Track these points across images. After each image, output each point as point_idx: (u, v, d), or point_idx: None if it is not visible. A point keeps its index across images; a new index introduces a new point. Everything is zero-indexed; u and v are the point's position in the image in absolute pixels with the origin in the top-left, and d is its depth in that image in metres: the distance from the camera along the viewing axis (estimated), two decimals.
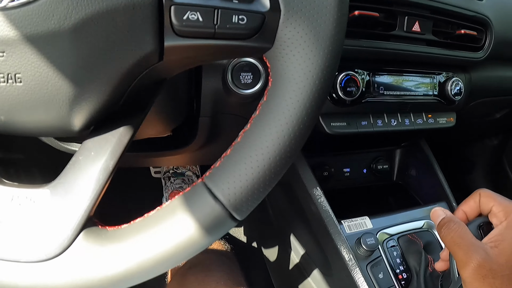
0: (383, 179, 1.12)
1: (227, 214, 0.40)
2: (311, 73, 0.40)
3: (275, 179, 0.41)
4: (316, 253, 0.96)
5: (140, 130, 0.76)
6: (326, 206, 0.88)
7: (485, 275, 0.50)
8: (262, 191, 0.41)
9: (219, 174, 0.40)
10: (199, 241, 0.40)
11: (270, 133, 0.40)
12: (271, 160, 0.40)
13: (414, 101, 0.92)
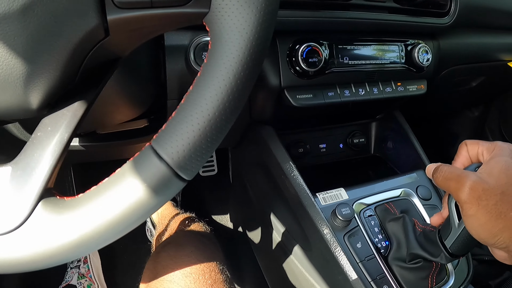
0: (360, 153, 1.12)
1: (172, 173, 0.40)
2: (245, 30, 0.41)
3: (217, 136, 0.42)
4: (296, 229, 0.96)
5: (109, 115, 0.77)
6: (299, 181, 0.88)
7: (479, 196, 0.53)
8: (206, 149, 0.42)
9: (163, 135, 0.41)
10: (148, 202, 0.41)
11: (209, 91, 0.41)
12: (211, 116, 0.40)
13: (381, 70, 0.92)
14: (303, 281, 0.98)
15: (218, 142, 0.43)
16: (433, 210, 0.95)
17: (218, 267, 0.83)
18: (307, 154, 1.03)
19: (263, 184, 1.08)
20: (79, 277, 1.39)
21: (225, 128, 0.42)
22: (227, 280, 0.82)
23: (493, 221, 0.52)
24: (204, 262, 0.82)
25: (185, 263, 0.80)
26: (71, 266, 1.45)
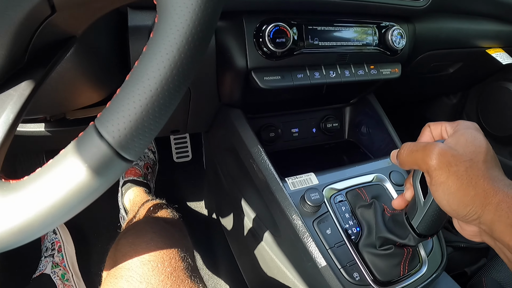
0: (333, 138, 1.10)
1: (113, 153, 0.39)
2: (191, 1, 0.39)
3: (162, 113, 0.40)
4: (265, 216, 0.94)
5: (73, 98, 0.75)
6: (268, 165, 0.86)
7: (448, 162, 0.52)
8: (149, 127, 0.40)
9: (106, 113, 0.39)
10: (89, 183, 0.39)
11: (151, 66, 0.39)
12: (153, 92, 0.39)
13: (353, 52, 0.90)
14: (273, 268, 0.96)
15: (163, 120, 0.41)
16: None
17: (179, 255, 0.81)
18: (278, 138, 1.01)
19: (233, 169, 1.06)
20: (53, 266, 1.37)
21: (169, 105, 0.40)
22: (189, 268, 0.80)
23: (464, 188, 0.51)
24: (164, 249, 0.79)
25: (144, 250, 0.78)
26: (45, 255, 1.42)
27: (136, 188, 1.48)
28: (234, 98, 0.93)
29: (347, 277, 0.79)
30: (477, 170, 0.51)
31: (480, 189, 0.50)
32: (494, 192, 0.50)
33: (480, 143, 0.54)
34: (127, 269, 0.75)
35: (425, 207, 0.62)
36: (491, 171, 0.52)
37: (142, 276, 0.73)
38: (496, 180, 0.51)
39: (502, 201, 0.49)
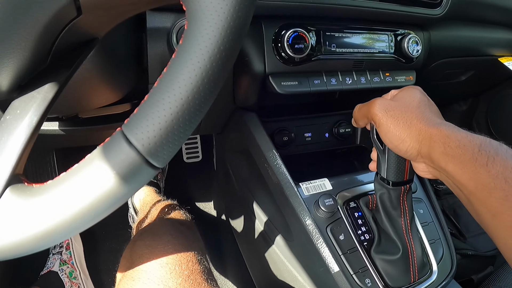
0: (346, 143, 1.10)
1: (142, 160, 0.38)
2: (223, 10, 0.38)
3: (191, 121, 0.40)
4: (278, 219, 0.94)
5: (89, 98, 0.75)
6: (282, 169, 0.86)
7: (386, 108, 0.65)
8: (178, 135, 0.39)
9: (134, 120, 0.39)
10: (116, 190, 0.39)
11: (182, 73, 0.38)
12: (184, 101, 0.38)
13: (369, 59, 0.91)
14: (284, 272, 0.97)
15: (192, 128, 0.41)
16: (418, 204, 0.95)
17: (196, 257, 0.81)
18: (291, 142, 1.01)
19: (246, 171, 1.07)
20: (61, 264, 1.37)
21: (199, 113, 0.40)
22: (205, 271, 0.80)
23: (401, 127, 0.62)
24: (181, 252, 0.80)
25: (161, 252, 0.78)
26: (53, 252, 1.42)
27: (146, 188, 1.48)
28: (249, 101, 0.93)
29: (359, 283, 0.79)
30: (411, 113, 0.63)
31: (414, 128, 0.61)
32: (426, 129, 0.59)
33: (415, 94, 0.68)
34: (144, 271, 0.75)
35: (385, 155, 0.72)
36: (425, 114, 0.63)
37: (159, 279, 0.73)
38: (428, 120, 0.61)
39: (434, 135, 0.58)
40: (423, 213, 0.94)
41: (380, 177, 0.75)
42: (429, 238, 0.90)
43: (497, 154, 0.53)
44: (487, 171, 0.52)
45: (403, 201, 0.76)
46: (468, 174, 0.54)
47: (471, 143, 0.55)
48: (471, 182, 0.54)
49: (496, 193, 0.51)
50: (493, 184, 0.51)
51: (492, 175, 0.51)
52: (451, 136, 0.57)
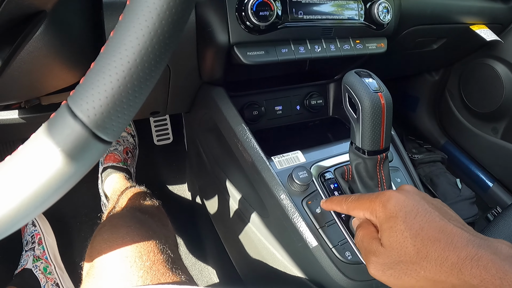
0: (318, 115, 1.07)
1: (89, 134, 0.35)
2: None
3: (141, 88, 0.37)
4: (252, 196, 0.91)
5: (46, 80, 0.71)
6: (253, 144, 0.83)
7: (382, 269, 0.54)
8: (128, 104, 0.36)
9: (79, 90, 0.35)
10: (65, 169, 0.36)
11: (128, 35, 0.35)
12: (131, 64, 0.35)
13: (338, 26, 0.88)
14: (262, 250, 0.94)
15: (143, 95, 0.37)
16: (395, 173, 0.93)
17: (158, 247, 0.78)
18: (262, 116, 0.98)
19: (217, 150, 1.03)
20: (34, 260, 1.33)
21: (150, 79, 0.37)
22: (169, 260, 0.77)
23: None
24: (140, 243, 0.77)
25: (120, 246, 0.76)
26: (25, 249, 1.39)
27: (116, 174, 1.44)
28: (215, 75, 0.90)
29: (339, 256, 0.77)
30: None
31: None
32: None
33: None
34: (105, 268, 0.73)
35: (359, 124, 0.68)
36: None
37: (120, 274, 0.70)
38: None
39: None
40: (401, 182, 0.92)
41: (355, 147, 0.72)
42: None
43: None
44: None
45: (379, 170, 0.74)
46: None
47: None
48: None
49: None
50: None
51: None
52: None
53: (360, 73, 0.69)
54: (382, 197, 0.57)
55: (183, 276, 0.75)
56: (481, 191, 1.70)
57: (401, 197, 0.55)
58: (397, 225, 0.53)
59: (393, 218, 0.54)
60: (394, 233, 0.53)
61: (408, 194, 0.56)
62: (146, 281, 0.68)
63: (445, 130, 1.85)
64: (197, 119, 1.11)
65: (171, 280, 0.71)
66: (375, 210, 0.57)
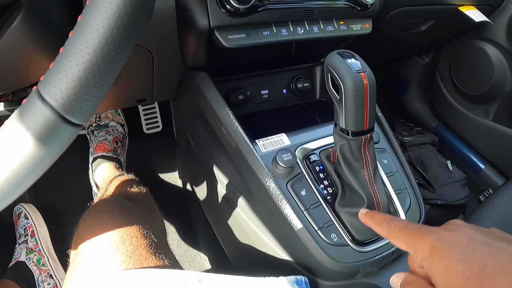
0: (305, 98, 1.07)
1: (57, 117, 0.36)
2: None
3: (108, 69, 0.38)
4: (238, 180, 0.91)
5: (29, 71, 0.70)
6: (237, 127, 0.83)
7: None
8: (94, 86, 0.37)
9: (48, 75, 0.36)
10: (35, 153, 0.37)
11: (94, 18, 0.36)
12: (96, 47, 0.36)
13: (321, 7, 0.87)
14: (250, 234, 0.94)
15: (110, 78, 0.38)
16: (382, 154, 0.92)
17: (141, 232, 0.78)
18: (248, 101, 0.97)
19: (203, 135, 1.03)
20: (27, 253, 1.34)
21: (116, 60, 0.38)
22: (152, 245, 0.77)
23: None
24: (123, 227, 0.77)
25: (102, 232, 0.75)
26: (18, 242, 1.40)
27: (106, 164, 1.44)
28: (199, 60, 0.89)
29: (324, 238, 0.77)
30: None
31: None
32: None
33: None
34: (88, 254, 0.73)
35: (342, 104, 0.67)
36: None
37: (103, 259, 0.70)
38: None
39: None
40: (388, 163, 0.91)
41: (339, 128, 0.71)
42: (395, 188, 0.88)
43: None
44: None
45: (364, 151, 0.74)
46: None
47: None
48: None
49: None
50: None
51: None
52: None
53: (342, 54, 0.68)
54: (430, 235, 0.48)
55: (166, 261, 0.75)
56: (473, 173, 1.70)
57: (452, 234, 0.47)
58: (453, 266, 0.44)
59: (446, 258, 0.45)
60: (452, 276, 0.44)
61: (459, 228, 0.48)
62: (128, 266, 0.68)
63: (437, 113, 1.85)
64: (183, 106, 1.10)
65: (154, 264, 0.71)
66: (422, 250, 0.48)
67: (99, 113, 1.57)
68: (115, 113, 1.61)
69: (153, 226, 0.84)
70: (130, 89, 1.00)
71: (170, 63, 0.91)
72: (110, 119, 1.59)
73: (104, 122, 1.58)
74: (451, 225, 0.49)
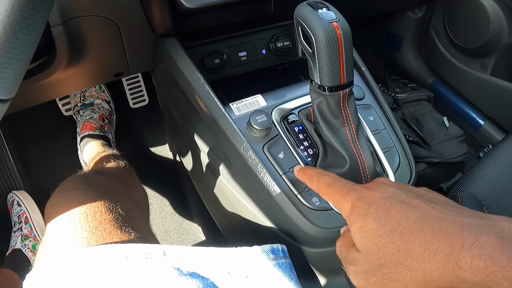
0: (286, 57, 1.01)
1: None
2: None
3: (17, 38, 0.35)
4: (217, 147, 0.88)
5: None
6: (207, 92, 0.79)
7: (365, 278, 0.47)
8: (7, 56, 0.35)
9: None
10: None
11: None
12: (2, 15, 0.34)
13: None
14: (234, 202, 0.91)
15: (23, 46, 0.36)
16: (367, 111, 0.88)
17: (106, 206, 0.75)
18: (225, 64, 0.92)
19: (182, 104, 0.99)
20: (22, 239, 1.34)
21: (26, 27, 0.35)
22: (118, 219, 0.75)
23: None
24: (86, 203, 0.74)
25: (65, 209, 0.73)
26: (13, 230, 1.40)
27: (93, 142, 1.42)
28: (166, 26, 0.84)
29: (305, 203, 0.73)
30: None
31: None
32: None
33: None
34: (52, 233, 0.71)
35: (315, 58, 0.63)
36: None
37: (65, 237, 0.68)
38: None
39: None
40: (374, 120, 0.87)
41: (315, 84, 0.67)
42: (382, 147, 0.83)
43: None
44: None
45: (344, 107, 0.69)
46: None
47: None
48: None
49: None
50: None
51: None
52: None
53: (313, 4, 0.64)
54: (352, 193, 0.50)
55: (133, 234, 0.72)
56: (473, 130, 1.65)
57: (371, 192, 0.49)
58: (368, 224, 0.46)
59: (363, 216, 0.47)
60: (366, 234, 0.46)
61: (381, 187, 0.49)
62: (91, 242, 0.66)
63: (432, 69, 1.80)
64: (160, 75, 1.06)
65: (118, 238, 0.68)
66: (344, 207, 0.51)
67: (82, 91, 1.54)
68: (100, 90, 1.58)
69: (123, 199, 0.81)
70: (104, 64, 0.96)
71: (138, 31, 0.87)
72: (95, 97, 1.56)
73: (89, 101, 1.55)
74: (374, 183, 0.51)
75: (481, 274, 0.37)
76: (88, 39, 0.82)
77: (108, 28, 0.81)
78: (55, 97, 1.53)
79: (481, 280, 0.37)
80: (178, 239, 1.47)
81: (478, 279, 0.37)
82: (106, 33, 0.83)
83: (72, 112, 1.59)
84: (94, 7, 0.73)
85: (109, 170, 0.97)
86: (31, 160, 1.57)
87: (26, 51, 0.36)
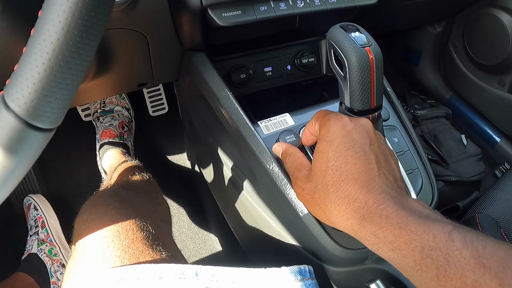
0: (311, 74, 1.02)
1: (22, 124, 0.34)
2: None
3: (69, 68, 0.35)
4: (243, 163, 0.88)
5: (10, 66, 0.68)
6: (237, 109, 0.79)
7: (302, 194, 0.59)
8: (57, 87, 0.35)
9: (12, 79, 0.35)
10: (5, 161, 0.35)
11: (50, 13, 0.33)
12: (55, 44, 0.34)
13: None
14: (257, 217, 0.92)
15: (75, 75, 0.36)
16: (392, 132, 0.88)
17: (137, 224, 0.76)
18: (251, 79, 0.93)
19: (206, 117, 1.00)
20: (39, 244, 1.35)
21: (79, 56, 0.35)
22: (149, 237, 0.75)
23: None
24: (118, 222, 0.75)
25: (97, 226, 0.74)
26: (30, 234, 1.40)
27: (113, 150, 1.43)
28: (195, 40, 0.85)
29: None
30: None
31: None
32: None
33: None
34: (83, 250, 0.71)
35: (346, 82, 0.63)
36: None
37: (98, 255, 0.68)
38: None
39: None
40: (398, 141, 0.87)
41: (345, 107, 0.67)
42: (406, 168, 0.83)
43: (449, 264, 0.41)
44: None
45: None
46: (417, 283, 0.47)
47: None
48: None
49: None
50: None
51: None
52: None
53: (346, 27, 0.64)
54: (335, 116, 0.59)
55: (164, 253, 0.73)
56: (489, 146, 1.65)
57: (348, 126, 0.56)
58: (327, 151, 0.54)
59: (328, 142, 0.55)
60: (321, 159, 0.54)
61: (359, 127, 0.57)
62: (124, 261, 0.66)
63: (450, 84, 1.79)
64: (185, 87, 1.07)
65: (150, 258, 0.69)
66: (323, 126, 0.58)
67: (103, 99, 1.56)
68: (120, 97, 1.59)
69: (152, 216, 0.82)
70: (129, 74, 0.97)
71: (166, 45, 0.88)
72: (115, 104, 1.57)
73: (109, 108, 1.56)
74: (357, 120, 0.60)
75: (376, 226, 0.47)
76: (116, 51, 0.83)
77: (137, 40, 0.81)
78: (77, 105, 1.54)
79: (375, 231, 0.47)
80: (194, 249, 1.47)
81: (373, 229, 0.47)
82: (134, 45, 0.84)
83: (91, 118, 1.60)
84: (125, 20, 0.73)
85: (135, 184, 0.98)
86: (49, 164, 1.58)
87: (76, 80, 0.36)
